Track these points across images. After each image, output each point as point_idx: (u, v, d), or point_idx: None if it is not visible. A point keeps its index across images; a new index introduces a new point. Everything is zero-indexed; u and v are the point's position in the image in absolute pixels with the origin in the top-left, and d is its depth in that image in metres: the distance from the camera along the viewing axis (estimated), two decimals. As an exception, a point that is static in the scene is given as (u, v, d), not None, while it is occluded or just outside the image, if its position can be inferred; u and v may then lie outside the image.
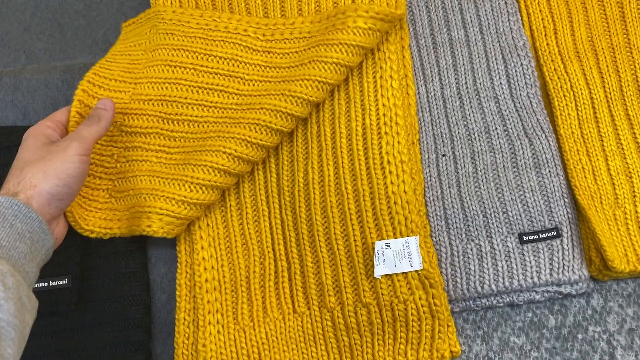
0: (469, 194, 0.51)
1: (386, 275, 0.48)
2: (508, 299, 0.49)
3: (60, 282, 0.48)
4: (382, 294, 0.47)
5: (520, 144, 0.52)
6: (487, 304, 0.49)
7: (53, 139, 0.47)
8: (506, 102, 0.54)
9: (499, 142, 0.53)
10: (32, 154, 0.45)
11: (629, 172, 0.51)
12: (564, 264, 0.49)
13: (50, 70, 0.57)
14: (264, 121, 0.49)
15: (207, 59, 0.52)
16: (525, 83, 0.54)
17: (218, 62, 0.52)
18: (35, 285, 0.48)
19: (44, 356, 0.48)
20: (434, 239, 0.50)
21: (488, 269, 0.49)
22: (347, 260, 0.49)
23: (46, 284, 0.48)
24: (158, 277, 0.50)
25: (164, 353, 0.49)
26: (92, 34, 0.61)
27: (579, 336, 0.49)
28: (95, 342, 0.48)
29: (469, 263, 0.49)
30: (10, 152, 0.53)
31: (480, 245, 0.50)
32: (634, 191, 0.51)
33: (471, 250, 0.50)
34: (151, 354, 0.49)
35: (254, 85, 0.51)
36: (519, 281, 0.48)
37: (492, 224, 0.50)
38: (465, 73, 0.55)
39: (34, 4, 0.62)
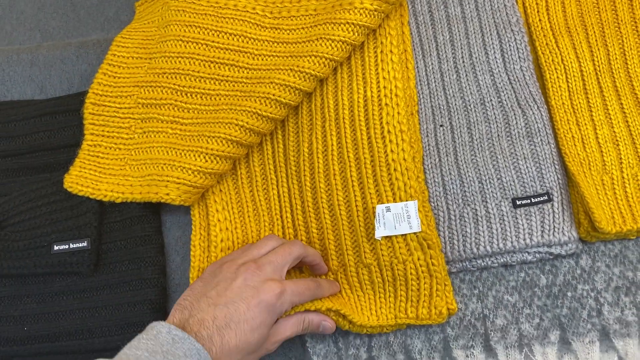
0: (465, 162, 0.54)
1: (386, 237, 0.51)
2: (502, 260, 0.52)
3: (80, 245, 0.51)
4: (382, 255, 0.50)
5: (514, 114, 0.55)
6: (483, 264, 0.52)
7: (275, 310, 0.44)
8: (500, 75, 0.57)
9: (494, 113, 0.56)
10: (259, 321, 0.41)
11: (616, 140, 0.54)
12: (554, 226, 0.52)
13: (65, 46, 0.59)
14: (273, 95, 0.51)
15: (218, 35, 0.55)
16: (519, 57, 0.57)
17: (228, 38, 0.55)
18: (56, 247, 0.51)
19: (66, 314, 0.50)
20: (432, 204, 0.53)
21: (483, 232, 0.52)
22: (349, 225, 0.52)
23: (67, 247, 0.51)
24: (172, 240, 0.53)
25: (179, 311, 0.52)
26: (104, 12, 0.63)
27: (569, 294, 0.52)
28: (114, 301, 0.50)
29: (465, 226, 0.52)
30: (28, 123, 0.56)
31: (476, 210, 0.53)
32: (620, 158, 0.54)
33: (467, 214, 0.53)
34: (167, 312, 0.52)
35: (263, 59, 0.54)
36: (512, 242, 0.51)
37: (487, 189, 0.53)
38: (461, 48, 0.58)
39: (47, -16, 0.64)
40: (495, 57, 0.57)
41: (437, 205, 0.53)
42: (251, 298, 0.42)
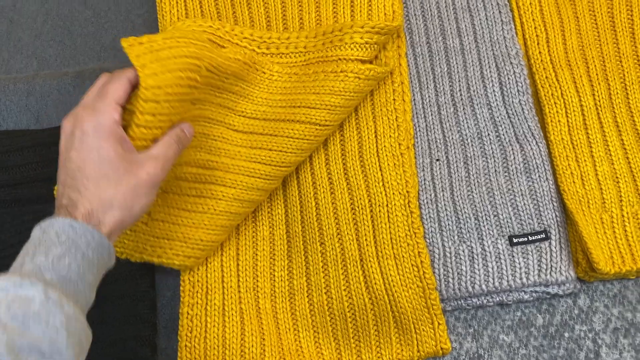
0: (461, 198, 0.53)
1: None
2: (498, 299, 0.51)
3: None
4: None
5: (512, 149, 0.54)
6: (478, 303, 0.52)
7: (124, 139, 0.40)
8: (499, 109, 0.56)
9: (491, 148, 0.55)
10: (107, 164, 0.38)
11: (617, 177, 0.53)
12: (551, 266, 0.51)
13: (62, 76, 0.59)
14: (269, 157, 0.51)
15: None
16: (518, 90, 0.56)
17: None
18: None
19: (56, 349, 0.50)
20: (427, 241, 0.53)
21: (479, 270, 0.51)
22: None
23: (57, 281, 0.51)
24: (163, 275, 0.53)
25: (169, 347, 0.52)
26: (100, 40, 0.63)
27: (566, 335, 0.51)
28: (105, 337, 0.50)
29: (460, 264, 0.51)
30: (22, 153, 0.56)
31: (472, 247, 0.52)
32: (620, 196, 0.53)
33: (463, 251, 0.52)
34: (157, 347, 0.51)
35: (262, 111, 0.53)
36: (508, 282, 0.51)
37: (484, 226, 0.52)
38: (459, 80, 0.57)
39: (45, 12, 0.64)
40: (493, 90, 0.56)
41: (432, 241, 0.52)
42: (75, 141, 0.39)
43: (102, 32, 0.63)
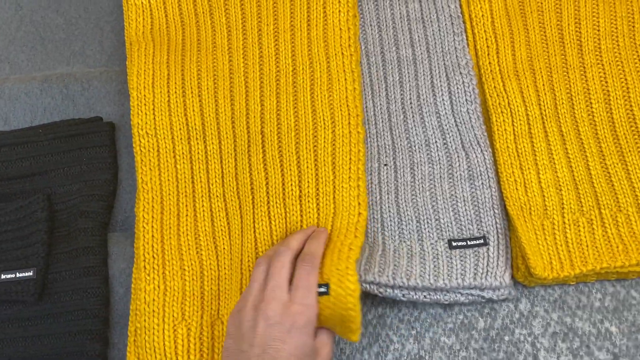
0: (405, 201, 0.55)
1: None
2: (435, 297, 0.52)
3: (26, 274, 0.53)
4: None
5: (457, 156, 0.56)
6: (414, 297, 0.52)
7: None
8: (447, 117, 0.57)
9: (438, 155, 0.56)
10: (308, 357, 0.44)
11: (559, 185, 0.55)
12: (487, 270, 0.52)
13: (30, 80, 0.62)
14: None
15: None
16: (466, 100, 0.58)
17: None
18: (3, 276, 0.53)
19: (9, 341, 0.52)
20: (370, 239, 0.54)
21: (416, 266, 0.52)
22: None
23: (13, 275, 0.53)
24: (117, 272, 0.55)
25: (120, 342, 0.53)
26: (70, 46, 0.65)
27: (506, 338, 0.52)
28: (56, 330, 0.52)
29: (398, 258, 0.52)
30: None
31: (411, 247, 0.53)
32: (562, 203, 0.54)
33: (402, 249, 0.53)
34: (108, 342, 0.53)
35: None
36: (443, 280, 0.52)
37: (424, 229, 0.54)
38: (410, 89, 0.59)
39: (19, 19, 0.67)
40: (443, 99, 0.58)
41: (374, 241, 0.54)
42: (281, 333, 0.43)
43: (72, 39, 0.66)
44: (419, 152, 0.57)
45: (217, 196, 0.55)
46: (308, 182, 0.53)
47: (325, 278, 0.47)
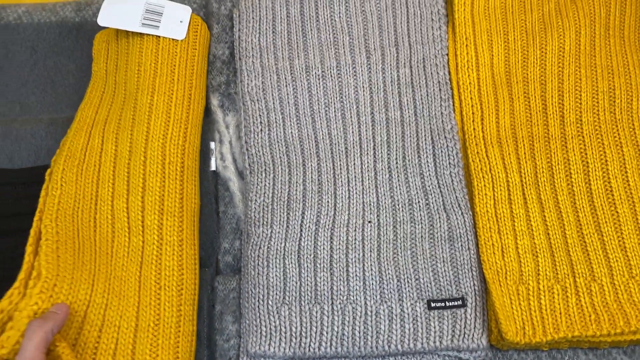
0: (386, 259, 0.57)
1: None
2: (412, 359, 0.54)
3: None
4: None
5: (439, 217, 0.58)
6: (393, 362, 0.54)
7: None
8: (430, 179, 0.60)
9: (420, 215, 0.58)
10: None
11: (536, 251, 0.56)
12: (465, 332, 0.53)
13: (37, 122, 0.65)
14: None
15: None
16: (449, 163, 0.60)
17: None
18: None
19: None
20: (352, 298, 0.56)
21: (396, 330, 0.54)
22: None
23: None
24: None
25: None
26: (78, 91, 0.69)
27: (478, 400, 0.53)
28: None
29: (380, 323, 0.54)
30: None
31: (392, 307, 0.55)
32: (538, 269, 0.56)
33: (383, 311, 0.55)
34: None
35: None
36: (422, 344, 0.53)
37: (405, 288, 0.56)
38: (396, 150, 0.61)
39: (32, 62, 0.71)
40: (427, 161, 0.60)
41: (356, 299, 0.56)
42: None
43: (81, 84, 0.69)
44: (402, 210, 0.59)
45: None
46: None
47: None
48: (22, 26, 0.72)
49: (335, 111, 0.63)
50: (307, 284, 0.56)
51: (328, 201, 0.59)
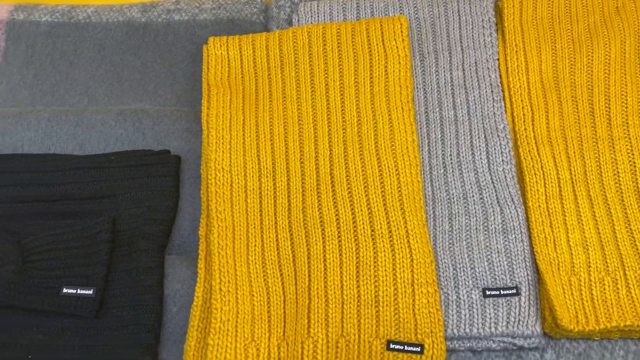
0: (443, 249, 0.59)
1: None
2: (468, 344, 0.56)
3: (87, 292, 0.57)
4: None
5: (493, 211, 0.61)
6: (450, 346, 0.56)
7: None
8: (484, 174, 0.63)
9: (474, 208, 0.61)
10: None
11: (587, 244, 0.59)
12: (519, 319, 0.55)
13: (107, 112, 0.69)
14: None
15: None
16: (502, 160, 0.63)
17: None
18: (65, 290, 0.57)
19: (67, 348, 0.56)
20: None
21: (452, 316, 0.56)
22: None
23: (75, 291, 0.57)
24: (172, 292, 0.59)
25: (168, 358, 0.57)
26: (144, 86, 0.72)
27: (532, 385, 0.55)
28: (112, 342, 0.56)
29: (436, 308, 0.56)
30: (65, 174, 0.64)
31: (448, 294, 0.57)
32: (589, 262, 0.58)
33: (440, 297, 0.57)
34: (157, 357, 0.57)
35: None
36: (478, 329, 0.55)
37: (460, 277, 0.58)
38: (451, 147, 0.64)
39: (100, 58, 0.74)
40: (480, 158, 0.63)
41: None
42: None
43: (147, 80, 0.73)
44: (457, 204, 0.62)
45: (282, 227, 0.60)
46: (380, 223, 0.58)
47: (419, 338, 0.53)
48: (90, 25, 0.76)
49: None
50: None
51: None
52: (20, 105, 0.72)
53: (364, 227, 0.59)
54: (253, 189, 0.62)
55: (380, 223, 0.59)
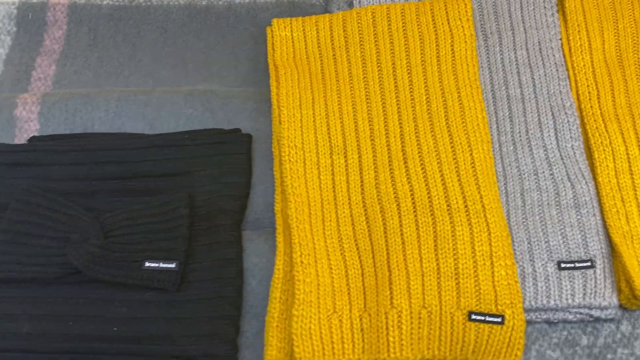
0: (517, 224, 0.60)
1: None
2: (545, 316, 0.57)
3: (169, 266, 0.58)
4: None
5: (564, 186, 0.61)
6: (527, 318, 0.57)
7: None
8: (553, 151, 0.64)
9: (545, 184, 0.62)
10: None
11: (658, 218, 0.60)
12: (596, 291, 0.56)
13: (176, 92, 0.70)
14: None
15: None
16: (570, 137, 0.64)
17: None
18: (147, 264, 0.58)
19: (151, 320, 0.57)
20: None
21: (529, 288, 0.57)
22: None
23: (157, 265, 0.58)
24: (251, 265, 0.60)
25: (249, 330, 0.58)
26: (208, 68, 0.73)
27: (608, 356, 0.56)
28: (195, 314, 0.57)
29: (513, 281, 0.57)
30: (138, 152, 0.65)
31: (524, 267, 0.58)
32: (661, 235, 0.59)
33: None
34: (239, 328, 0.58)
35: None
36: (555, 301, 0.56)
37: (535, 250, 0.59)
38: (519, 124, 0.65)
39: (162, 41, 0.75)
40: (549, 135, 0.64)
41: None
42: None
43: (210, 62, 0.74)
44: (528, 180, 0.62)
45: (356, 203, 0.60)
46: (455, 198, 0.59)
47: (499, 309, 0.54)
48: (152, 8, 0.77)
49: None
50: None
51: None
52: (85, 87, 0.73)
53: (439, 202, 0.59)
54: (325, 165, 0.63)
55: (456, 198, 0.59)
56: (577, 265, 0.58)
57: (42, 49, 0.76)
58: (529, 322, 0.58)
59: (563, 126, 0.64)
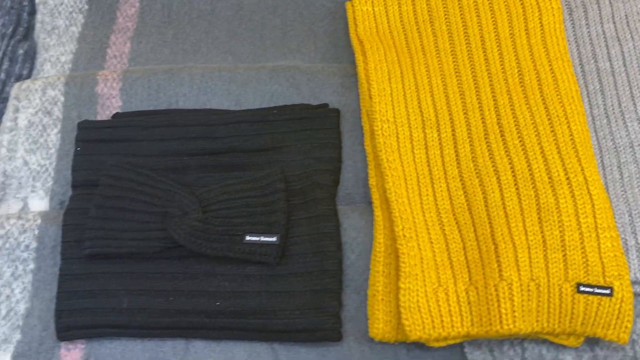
0: (616, 197, 0.60)
1: None
2: (651, 288, 0.57)
3: (270, 239, 0.57)
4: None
5: (661, 159, 0.61)
6: (633, 291, 0.57)
7: None
8: (647, 124, 0.63)
9: (642, 156, 0.62)
10: None
11: None
12: (703, 262, 0.56)
13: (260, 68, 0.69)
14: None
15: None
16: (664, 109, 0.64)
17: None
18: (248, 238, 0.58)
19: (253, 294, 0.57)
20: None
21: (633, 260, 0.57)
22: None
23: (258, 239, 0.58)
24: (349, 239, 0.60)
25: (350, 304, 0.58)
26: (287, 44, 0.72)
27: None
28: (297, 288, 0.57)
29: (616, 253, 0.57)
30: (226, 128, 0.65)
31: (626, 239, 0.58)
32: None
33: (619, 243, 0.58)
34: (341, 302, 0.57)
35: None
36: (661, 271, 0.56)
37: (637, 223, 0.58)
38: (611, 97, 0.65)
39: (239, 17, 0.75)
40: (643, 108, 0.64)
41: (590, 232, 0.58)
42: None
43: (288, 38, 0.73)
44: (624, 153, 0.62)
45: (453, 177, 0.60)
46: (557, 170, 0.58)
47: (607, 281, 0.53)
48: (226, -16, 0.76)
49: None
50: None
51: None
52: (163, 64, 0.73)
53: (540, 175, 0.59)
54: (418, 139, 0.62)
55: (557, 170, 0.59)
56: (680, 237, 0.58)
57: (115, 27, 0.76)
58: (635, 295, 0.57)
59: (657, 99, 0.64)
